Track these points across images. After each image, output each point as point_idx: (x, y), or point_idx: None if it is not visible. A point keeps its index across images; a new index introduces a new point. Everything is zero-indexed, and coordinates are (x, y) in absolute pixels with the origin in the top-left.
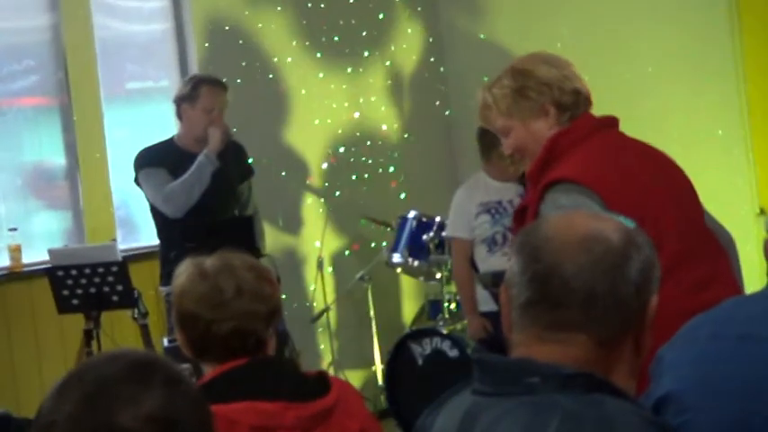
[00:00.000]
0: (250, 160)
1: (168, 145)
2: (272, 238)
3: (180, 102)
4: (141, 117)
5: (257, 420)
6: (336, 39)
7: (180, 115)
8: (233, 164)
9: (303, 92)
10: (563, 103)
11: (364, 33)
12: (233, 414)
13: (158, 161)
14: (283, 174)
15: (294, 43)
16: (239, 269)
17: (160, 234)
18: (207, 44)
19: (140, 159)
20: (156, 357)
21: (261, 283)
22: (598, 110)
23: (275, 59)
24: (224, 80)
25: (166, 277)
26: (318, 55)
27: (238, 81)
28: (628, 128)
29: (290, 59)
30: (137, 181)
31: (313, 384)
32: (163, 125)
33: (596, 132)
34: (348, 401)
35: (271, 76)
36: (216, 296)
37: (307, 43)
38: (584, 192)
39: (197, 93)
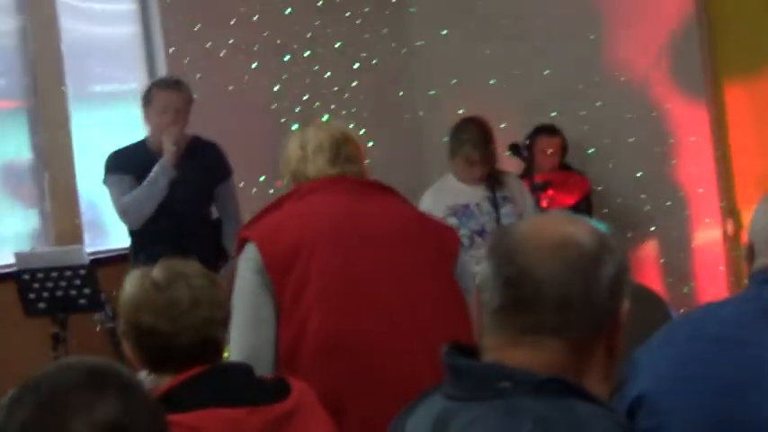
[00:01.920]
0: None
1: (139, 147)
2: None
3: (142, 106)
4: (109, 120)
5: (221, 427)
6: (306, 43)
7: (145, 119)
8: (205, 164)
9: (271, 96)
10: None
11: (334, 37)
12: (196, 422)
13: (125, 167)
14: (248, 177)
15: (261, 47)
16: (192, 277)
17: (130, 236)
18: (173, 47)
19: (108, 163)
20: (113, 365)
21: (215, 289)
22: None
23: (244, 63)
24: (179, 80)
25: None
26: (287, 58)
27: (207, 84)
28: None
29: (257, 63)
30: (104, 182)
31: (273, 388)
32: (130, 128)
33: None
34: (309, 403)
35: (239, 79)
36: (174, 308)
37: (276, 47)
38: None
39: (150, 96)
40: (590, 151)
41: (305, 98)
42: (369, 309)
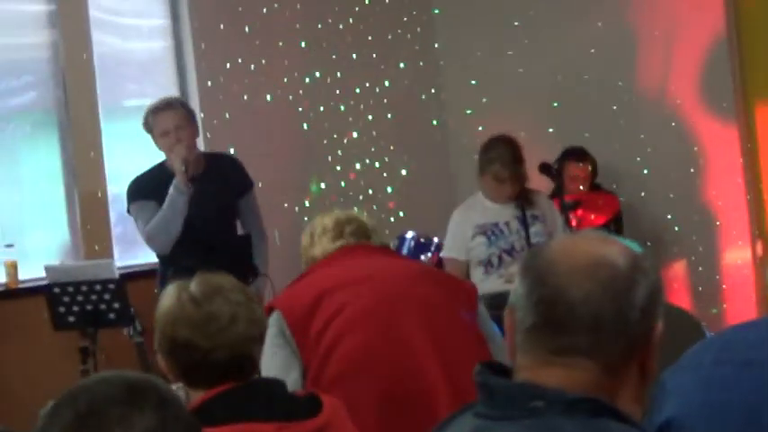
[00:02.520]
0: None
1: (158, 170)
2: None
3: (149, 134)
4: (139, 135)
5: None
6: (335, 58)
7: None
8: (225, 179)
9: (301, 111)
10: None
11: (363, 54)
12: None
13: (147, 192)
14: (280, 194)
15: (294, 65)
16: (230, 292)
17: (159, 254)
18: (206, 61)
19: (130, 191)
20: (150, 379)
21: (252, 306)
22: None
23: (274, 80)
24: (173, 99)
25: None
26: (317, 74)
27: (237, 99)
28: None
29: (288, 78)
30: (129, 212)
31: (305, 404)
32: None
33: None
34: (339, 420)
35: (269, 95)
36: (212, 324)
37: (306, 63)
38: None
39: (150, 123)
40: (619, 170)
41: (334, 114)
42: (393, 337)
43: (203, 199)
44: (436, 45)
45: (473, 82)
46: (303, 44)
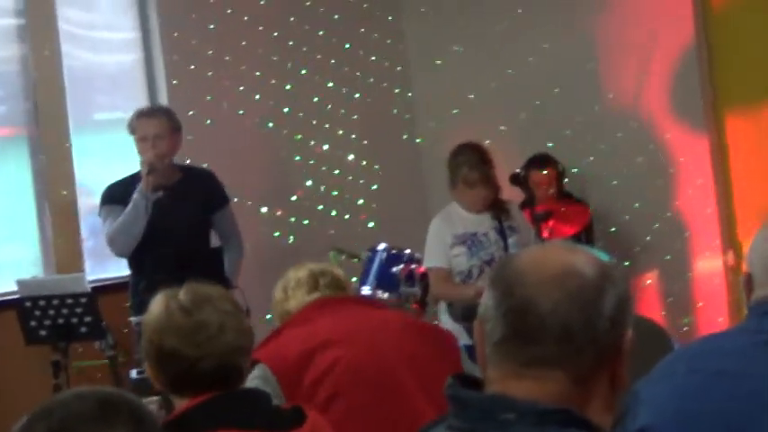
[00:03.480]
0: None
1: (134, 178)
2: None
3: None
4: (110, 147)
5: None
6: (304, 72)
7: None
8: (199, 192)
9: (271, 124)
10: None
11: (332, 65)
12: None
13: (117, 197)
14: (250, 205)
15: (262, 75)
16: (218, 301)
17: (130, 264)
18: (174, 79)
19: (103, 196)
20: (123, 395)
21: (240, 316)
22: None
23: (243, 92)
24: (160, 108)
25: (137, 307)
26: (287, 87)
27: (207, 112)
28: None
29: (257, 91)
30: (99, 215)
31: (289, 416)
32: (131, 156)
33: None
34: None
35: (239, 107)
36: (201, 332)
37: (275, 75)
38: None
39: (133, 126)
40: (588, 179)
41: (305, 127)
42: (388, 390)
43: (175, 210)
44: (407, 57)
45: (443, 93)
46: (274, 57)
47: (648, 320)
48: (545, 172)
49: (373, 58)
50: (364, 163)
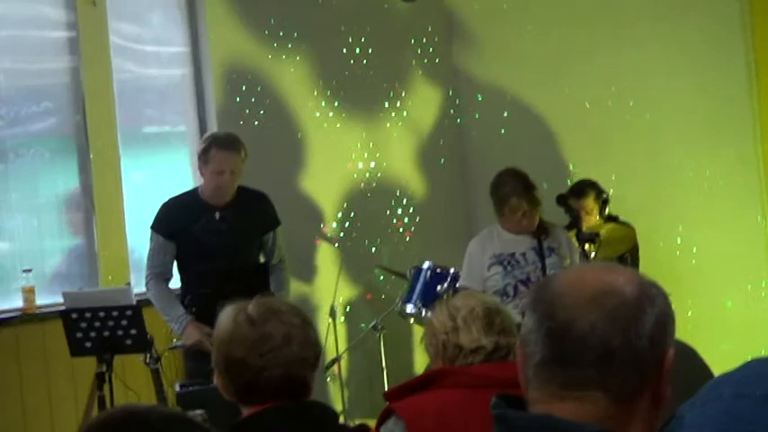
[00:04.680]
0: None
1: (191, 196)
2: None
3: (198, 158)
4: (158, 161)
5: None
6: (355, 87)
7: (199, 170)
8: (252, 214)
9: (320, 140)
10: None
11: (384, 84)
12: None
13: (166, 225)
14: (298, 222)
15: (314, 92)
16: (285, 314)
17: (180, 279)
18: (225, 89)
19: (158, 216)
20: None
21: (307, 329)
22: (620, 163)
23: (294, 107)
24: (237, 140)
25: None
26: (336, 104)
27: (256, 126)
28: (648, 179)
29: (308, 106)
30: (151, 228)
31: (355, 429)
32: (179, 170)
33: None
34: None
35: (289, 123)
36: (265, 343)
37: (326, 92)
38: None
39: (208, 155)
40: (636, 204)
41: (351, 141)
42: None
43: (229, 229)
44: (455, 77)
45: (489, 112)
46: (323, 73)
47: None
48: (583, 200)
49: (425, 79)
50: (410, 182)
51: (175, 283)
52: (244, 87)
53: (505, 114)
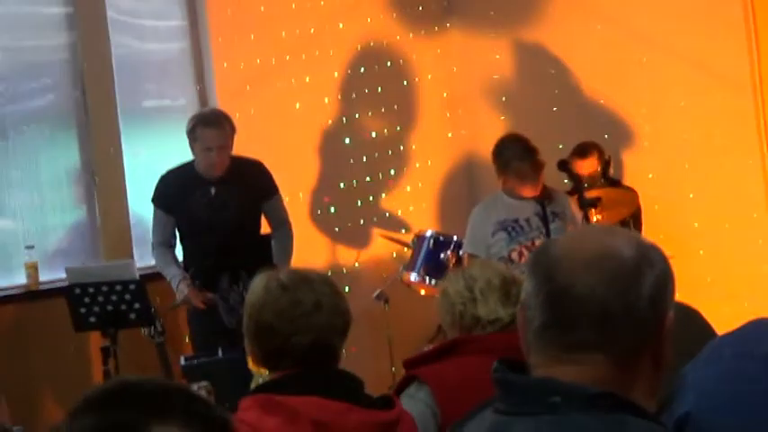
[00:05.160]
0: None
1: (188, 170)
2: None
3: (187, 137)
4: (158, 135)
5: (319, 414)
6: (354, 57)
7: (190, 148)
8: (248, 184)
9: (320, 111)
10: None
11: (384, 53)
12: (298, 405)
13: (168, 199)
14: (300, 194)
15: (313, 64)
16: (317, 283)
17: (183, 252)
18: (224, 62)
19: (156, 191)
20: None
21: (337, 298)
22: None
23: (293, 80)
24: (222, 116)
25: None
26: (336, 75)
27: (256, 100)
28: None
29: (308, 79)
30: (152, 202)
31: (378, 400)
32: (180, 143)
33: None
34: (409, 422)
35: (288, 95)
36: (296, 309)
37: (325, 62)
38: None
39: (195, 133)
40: (638, 168)
41: (354, 113)
42: None
43: (224, 202)
44: (453, 44)
45: (491, 81)
46: (321, 47)
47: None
48: (585, 160)
49: (422, 45)
50: (412, 150)
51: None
52: (242, 60)
53: (504, 83)
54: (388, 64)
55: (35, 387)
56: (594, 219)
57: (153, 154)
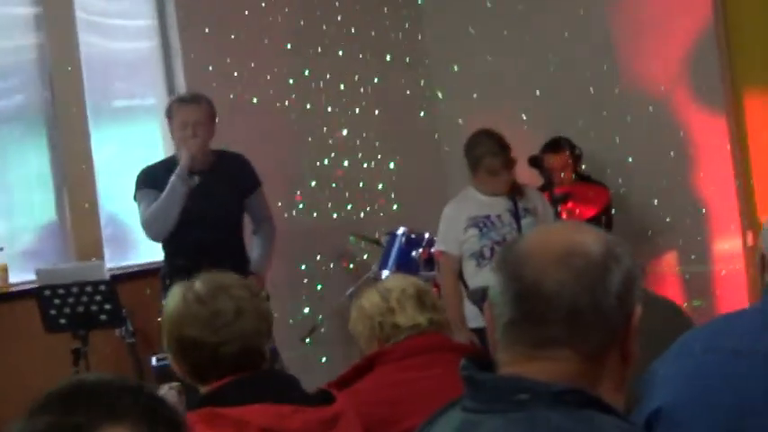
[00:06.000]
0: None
1: (169, 162)
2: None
3: (167, 121)
4: (128, 135)
5: (267, 421)
6: (325, 56)
7: (171, 134)
8: (232, 176)
9: (291, 108)
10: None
11: (354, 51)
12: (243, 415)
13: (153, 181)
14: (272, 189)
15: (281, 63)
16: (234, 288)
17: (163, 248)
18: (193, 61)
19: (138, 179)
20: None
21: (257, 301)
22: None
23: (264, 76)
24: (200, 95)
25: (166, 291)
26: (306, 72)
27: (227, 98)
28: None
29: (278, 76)
30: (135, 199)
31: (317, 396)
32: (149, 143)
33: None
34: (350, 413)
35: (258, 92)
36: (218, 319)
37: (296, 60)
38: None
39: (171, 113)
40: (609, 162)
41: (322, 112)
42: None
43: (207, 195)
44: (423, 38)
45: (460, 75)
46: (289, 44)
47: (668, 300)
48: (557, 155)
49: (390, 40)
50: (384, 148)
51: (145, 256)
52: (212, 59)
53: (479, 80)
54: (360, 56)
55: (5, 388)
56: (565, 214)
57: (123, 154)
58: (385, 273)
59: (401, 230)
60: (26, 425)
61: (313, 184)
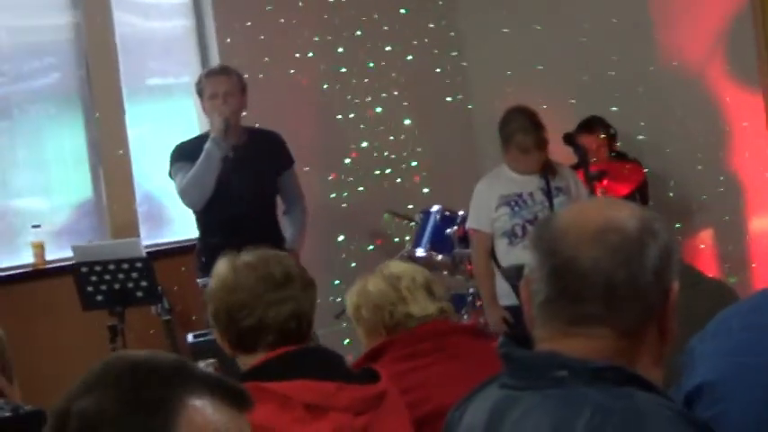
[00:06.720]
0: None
1: (202, 138)
2: None
3: (198, 96)
4: (163, 113)
5: (311, 398)
6: (358, 33)
7: (203, 109)
8: (265, 154)
9: (325, 87)
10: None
11: (386, 28)
12: (287, 390)
13: (187, 155)
14: (306, 169)
15: (316, 38)
16: (280, 257)
17: (198, 226)
18: (228, 39)
19: (172, 155)
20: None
21: (302, 270)
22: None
23: (297, 55)
24: (227, 66)
25: (201, 268)
26: (340, 50)
27: (260, 76)
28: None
29: (311, 54)
30: (170, 175)
31: (362, 373)
32: (184, 121)
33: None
34: (395, 392)
35: (292, 71)
36: (269, 282)
37: (328, 38)
38: None
39: (201, 86)
40: (644, 140)
41: (358, 89)
42: None
43: (242, 171)
44: (456, 16)
45: (496, 55)
46: (327, 19)
47: (719, 282)
48: (592, 136)
49: (429, 22)
50: (417, 125)
51: (182, 233)
52: (246, 36)
53: (510, 55)
54: (394, 34)
55: (42, 366)
56: (599, 192)
57: (157, 132)
58: (419, 250)
59: (435, 208)
60: (89, 402)
61: (347, 161)
